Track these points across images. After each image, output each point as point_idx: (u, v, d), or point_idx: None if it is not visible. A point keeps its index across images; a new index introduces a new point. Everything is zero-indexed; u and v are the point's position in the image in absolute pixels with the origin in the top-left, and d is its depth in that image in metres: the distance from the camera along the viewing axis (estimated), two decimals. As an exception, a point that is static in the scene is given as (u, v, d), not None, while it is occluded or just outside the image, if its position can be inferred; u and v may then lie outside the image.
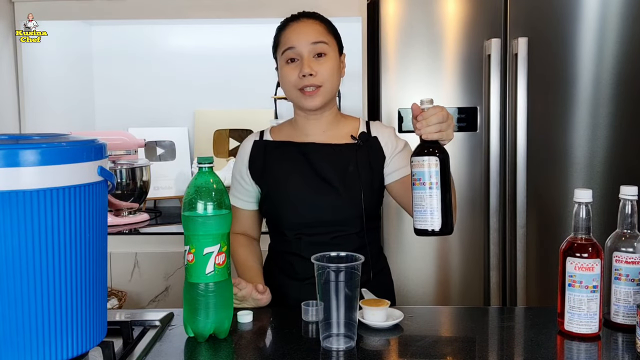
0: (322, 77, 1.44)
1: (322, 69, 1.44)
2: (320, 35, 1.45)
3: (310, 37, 1.44)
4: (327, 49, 1.45)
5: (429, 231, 1.20)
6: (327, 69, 1.44)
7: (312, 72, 1.42)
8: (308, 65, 1.43)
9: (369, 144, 1.50)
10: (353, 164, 1.47)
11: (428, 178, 1.18)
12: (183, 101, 2.78)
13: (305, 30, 1.45)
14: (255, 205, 1.56)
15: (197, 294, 1.14)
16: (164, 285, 2.20)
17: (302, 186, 1.46)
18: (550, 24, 2.15)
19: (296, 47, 1.44)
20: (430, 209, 1.18)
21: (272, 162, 1.50)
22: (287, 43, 1.46)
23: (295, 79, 1.44)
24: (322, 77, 1.44)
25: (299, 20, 1.48)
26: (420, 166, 1.19)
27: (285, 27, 1.49)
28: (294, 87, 1.45)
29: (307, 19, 1.49)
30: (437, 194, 1.18)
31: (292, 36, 1.46)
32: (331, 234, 1.46)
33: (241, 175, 1.55)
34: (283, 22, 1.51)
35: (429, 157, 1.19)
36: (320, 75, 1.43)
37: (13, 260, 0.91)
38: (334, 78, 1.46)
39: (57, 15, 2.33)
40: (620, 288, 1.19)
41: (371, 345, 1.15)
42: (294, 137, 1.53)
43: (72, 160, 0.96)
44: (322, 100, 1.46)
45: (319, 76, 1.43)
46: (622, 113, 2.17)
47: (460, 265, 2.20)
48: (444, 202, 1.18)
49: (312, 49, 1.44)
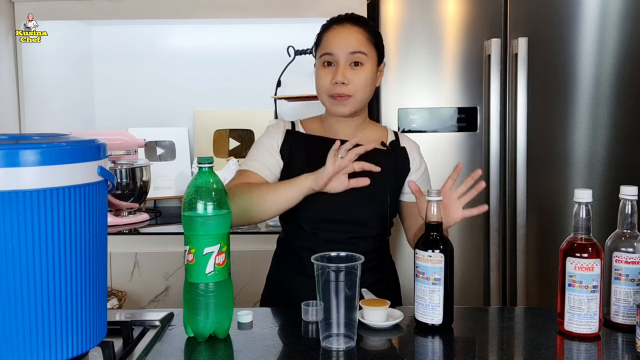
0: (354, 86, 1.43)
1: (356, 78, 1.43)
2: (360, 45, 1.43)
3: (349, 46, 1.43)
4: (365, 59, 1.44)
5: (429, 325, 1.20)
6: (361, 79, 1.44)
7: (345, 80, 1.42)
8: (342, 74, 1.42)
9: (397, 153, 1.52)
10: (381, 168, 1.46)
11: (432, 274, 1.19)
12: (183, 101, 2.78)
13: (345, 37, 1.43)
14: (271, 176, 1.49)
15: (197, 294, 1.14)
16: (164, 285, 2.20)
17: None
18: (550, 24, 2.15)
19: (334, 53, 1.43)
20: (432, 305, 1.19)
21: (301, 153, 1.49)
22: (326, 47, 1.44)
23: (328, 84, 1.44)
24: (354, 87, 1.43)
25: (342, 24, 1.46)
26: (425, 260, 1.19)
27: (328, 29, 1.47)
28: (325, 91, 1.45)
29: (352, 24, 1.45)
30: (439, 289, 1.19)
31: (332, 41, 1.44)
32: (349, 232, 1.46)
33: (271, 145, 1.49)
34: (328, 22, 1.49)
35: (435, 253, 1.18)
36: (353, 84, 1.43)
37: (13, 260, 0.91)
38: (367, 88, 1.45)
39: (57, 15, 2.33)
40: (620, 288, 1.19)
41: (371, 345, 1.15)
42: (324, 133, 1.53)
43: (72, 160, 0.95)
44: (351, 109, 1.46)
45: (352, 86, 1.43)
46: (622, 113, 2.17)
47: (460, 265, 2.20)
48: (446, 297, 1.19)
49: (350, 57, 1.43)
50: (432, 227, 1.21)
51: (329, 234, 1.45)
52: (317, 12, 2.23)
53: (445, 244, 1.20)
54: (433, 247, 1.19)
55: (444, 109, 2.19)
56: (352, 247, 1.26)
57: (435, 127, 2.18)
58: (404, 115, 2.18)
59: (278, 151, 1.50)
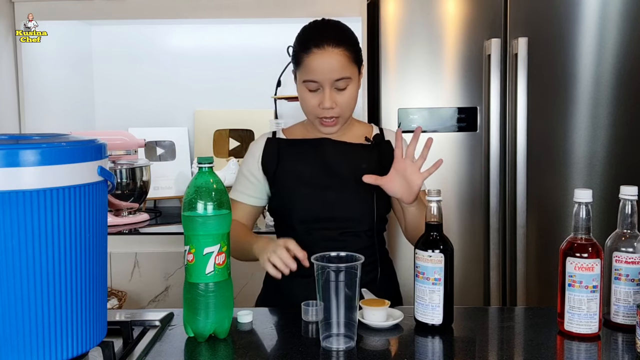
0: (341, 108, 1.45)
1: (342, 99, 1.44)
2: (344, 70, 1.42)
3: (333, 74, 1.41)
4: (349, 81, 1.44)
5: (429, 325, 1.20)
6: (347, 99, 1.45)
7: (333, 105, 1.43)
8: (329, 100, 1.42)
9: (382, 147, 1.53)
10: (366, 163, 1.49)
11: (432, 274, 1.19)
12: (183, 101, 2.78)
13: (328, 64, 1.40)
14: (257, 201, 1.55)
15: (197, 294, 1.14)
16: (164, 285, 2.20)
17: (315, 180, 1.47)
18: (550, 24, 2.15)
19: (318, 81, 1.42)
20: (432, 304, 1.19)
21: (286, 157, 1.51)
22: (309, 74, 1.42)
23: (315, 108, 1.45)
24: (341, 109, 1.45)
25: (324, 49, 1.40)
26: (425, 260, 1.19)
27: (308, 53, 1.41)
28: (312, 114, 1.47)
29: (332, 47, 1.40)
30: (439, 289, 1.19)
31: (315, 68, 1.41)
32: (340, 229, 1.47)
33: (250, 171, 1.54)
34: (305, 41, 1.44)
35: (435, 253, 1.19)
36: (340, 107, 1.44)
37: (13, 260, 0.91)
38: (352, 103, 1.47)
39: (57, 15, 2.33)
40: (620, 288, 1.19)
41: (371, 345, 1.15)
42: (308, 136, 1.55)
43: (72, 160, 0.95)
44: (340, 126, 1.49)
45: (338, 108, 1.44)
46: (622, 113, 2.17)
47: (460, 265, 2.20)
48: (446, 297, 1.19)
49: (334, 84, 1.43)
50: (432, 227, 1.21)
51: (321, 232, 1.47)
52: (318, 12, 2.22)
53: (445, 244, 1.20)
54: (433, 247, 1.19)
55: (444, 109, 2.19)
56: (344, 244, 1.27)
57: (435, 127, 2.18)
58: (404, 115, 2.18)
59: (259, 168, 1.53)
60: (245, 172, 1.55)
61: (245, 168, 1.56)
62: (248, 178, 1.54)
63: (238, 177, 1.57)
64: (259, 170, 1.53)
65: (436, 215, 1.21)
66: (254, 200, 1.55)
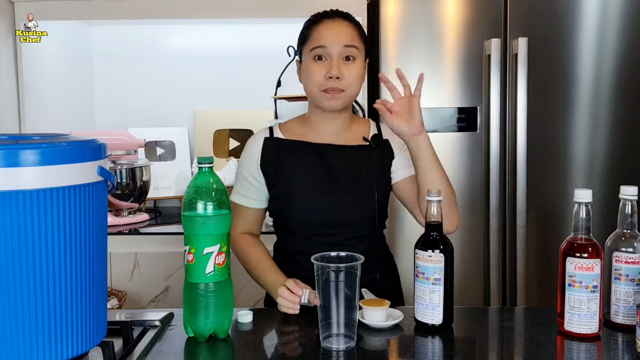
0: (347, 81, 1.42)
1: (349, 73, 1.42)
2: (353, 39, 1.43)
3: (343, 40, 1.42)
4: (357, 53, 1.43)
5: (429, 325, 1.20)
6: (354, 74, 1.43)
7: (340, 75, 1.41)
8: (336, 68, 1.41)
9: (381, 146, 1.51)
10: (366, 166, 1.47)
11: (432, 274, 1.18)
12: (183, 101, 2.78)
13: (339, 31, 1.42)
14: (261, 203, 1.53)
15: (197, 294, 1.14)
16: (164, 285, 2.20)
17: (316, 186, 1.45)
18: (550, 24, 2.15)
19: (327, 47, 1.41)
20: (432, 304, 1.19)
21: (286, 161, 1.48)
22: (319, 41, 1.42)
23: (321, 78, 1.42)
24: (347, 82, 1.42)
25: (333, 19, 1.45)
26: (425, 261, 1.19)
27: (317, 23, 1.45)
28: (318, 85, 1.43)
29: (342, 19, 1.45)
30: (439, 289, 1.19)
31: (324, 35, 1.42)
32: (343, 234, 1.45)
33: (250, 172, 1.51)
34: (316, 16, 1.47)
35: (435, 253, 1.18)
36: (346, 79, 1.42)
37: (13, 260, 0.91)
38: (358, 83, 1.45)
39: (57, 15, 2.33)
40: (620, 288, 1.19)
41: (371, 345, 1.15)
42: (307, 136, 1.51)
43: (72, 160, 0.95)
44: (343, 103, 1.45)
45: (345, 80, 1.42)
46: (622, 113, 2.17)
47: (460, 265, 2.20)
48: (446, 297, 1.19)
49: (343, 51, 1.42)
50: (432, 227, 1.21)
51: (322, 238, 1.45)
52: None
53: (445, 244, 1.20)
54: (433, 247, 1.19)
55: (444, 109, 2.19)
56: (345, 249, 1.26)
57: (435, 127, 2.18)
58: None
59: (258, 170, 1.50)
60: (246, 173, 1.52)
61: (245, 169, 1.53)
62: (249, 180, 1.52)
63: (238, 179, 1.55)
64: (258, 172, 1.51)
65: (436, 215, 1.21)
66: (258, 203, 1.53)
